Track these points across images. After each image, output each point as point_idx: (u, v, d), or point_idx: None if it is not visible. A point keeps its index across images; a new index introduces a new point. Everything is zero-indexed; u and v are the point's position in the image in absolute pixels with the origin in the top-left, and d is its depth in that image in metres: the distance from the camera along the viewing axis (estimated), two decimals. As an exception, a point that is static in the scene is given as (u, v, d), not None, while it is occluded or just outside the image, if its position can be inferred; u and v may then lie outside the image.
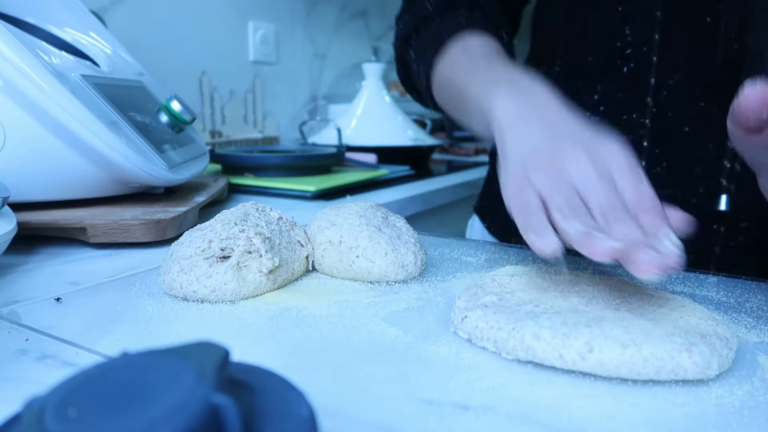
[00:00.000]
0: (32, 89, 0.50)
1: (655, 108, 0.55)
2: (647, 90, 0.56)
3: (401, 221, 0.48)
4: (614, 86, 0.57)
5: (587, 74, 0.59)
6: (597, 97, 0.59)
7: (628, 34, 0.56)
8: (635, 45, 0.55)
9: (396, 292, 0.42)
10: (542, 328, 0.31)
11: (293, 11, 1.56)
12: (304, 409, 0.18)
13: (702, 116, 0.54)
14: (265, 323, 0.36)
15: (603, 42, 0.57)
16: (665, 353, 0.29)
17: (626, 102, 0.57)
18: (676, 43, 0.54)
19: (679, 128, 0.55)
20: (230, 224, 0.41)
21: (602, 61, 0.58)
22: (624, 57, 0.56)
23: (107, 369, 0.18)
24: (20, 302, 0.39)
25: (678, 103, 0.55)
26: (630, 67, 0.56)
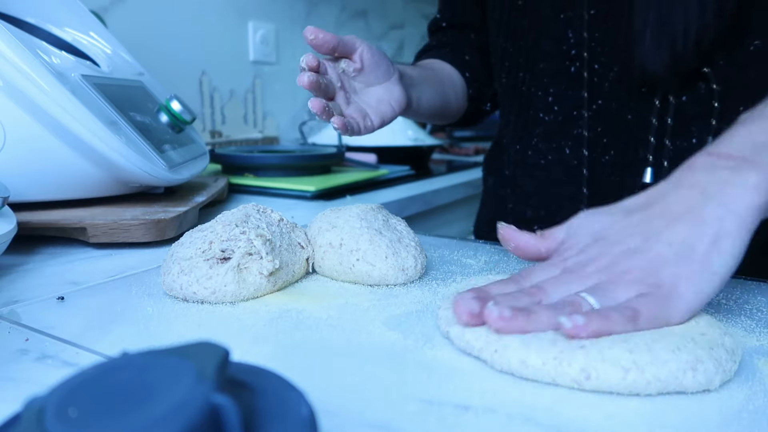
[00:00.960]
0: (32, 89, 0.50)
1: (600, 100, 0.60)
2: (583, 86, 0.60)
3: (402, 224, 0.48)
4: (564, 86, 0.62)
5: (541, 80, 0.64)
6: (551, 99, 0.64)
7: (570, 36, 0.61)
8: (576, 45, 0.60)
9: (396, 296, 0.42)
10: (530, 352, 0.29)
11: (293, 11, 1.56)
12: (304, 409, 0.19)
13: (638, 103, 0.58)
14: (265, 325, 0.36)
15: (552, 48, 0.62)
16: (669, 375, 0.28)
17: (573, 99, 0.62)
18: (604, 39, 0.58)
19: (623, 117, 0.59)
20: (231, 226, 0.41)
21: (553, 65, 0.63)
22: (570, 58, 0.61)
23: (107, 369, 0.18)
24: (20, 302, 0.39)
25: (618, 94, 0.59)
26: (576, 66, 0.61)
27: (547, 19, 0.62)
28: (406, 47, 2.08)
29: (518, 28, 0.66)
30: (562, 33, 0.61)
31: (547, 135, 0.65)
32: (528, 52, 0.65)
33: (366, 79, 0.54)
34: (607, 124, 0.60)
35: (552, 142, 0.64)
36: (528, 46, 0.65)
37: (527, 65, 0.66)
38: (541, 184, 0.67)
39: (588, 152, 0.61)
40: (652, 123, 0.57)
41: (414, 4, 2.10)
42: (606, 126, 0.60)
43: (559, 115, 0.63)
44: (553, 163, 0.65)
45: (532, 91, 0.66)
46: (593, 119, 0.61)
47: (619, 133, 0.59)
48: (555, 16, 0.62)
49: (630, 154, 0.59)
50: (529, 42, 0.65)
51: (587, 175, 0.62)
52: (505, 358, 0.29)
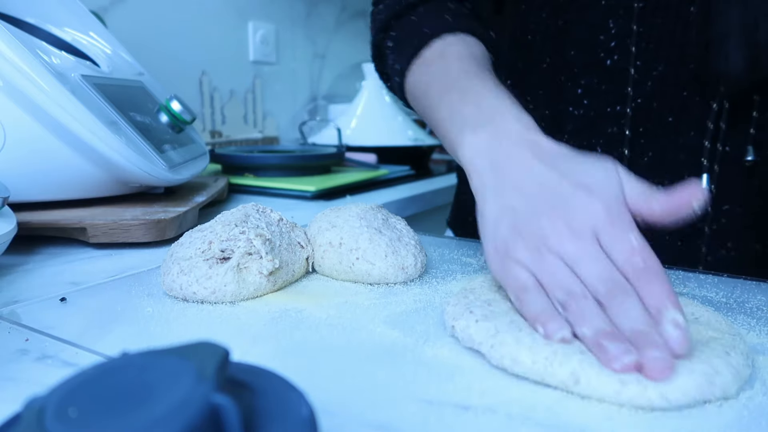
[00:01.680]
0: (32, 89, 0.50)
1: (640, 99, 0.56)
2: (628, 81, 0.56)
3: (402, 223, 0.48)
4: (597, 79, 0.58)
5: (570, 69, 0.59)
6: (580, 90, 0.59)
7: (612, 26, 0.56)
8: (618, 37, 0.56)
9: (396, 294, 0.42)
10: (521, 348, 0.29)
11: (293, 11, 1.56)
12: (304, 409, 0.19)
13: (684, 105, 0.55)
14: (265, 324, 0.36)
15: (586, 36, 0.58)
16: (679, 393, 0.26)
17: (609, 94, 0.57)
18: (656, 34, 0.55)
19: (663, 118, 0.56)
20: (231, 225, 0.41)
21: (585, 55, 0.58)
22: (607, 50, 0.57)
23: (107, 369, 0.18)
24: (20, 302, 0.39)
25: (661, 93, 0.56)
26: (613, 60, 0.57)
27: (585, 3, 0.57)
28: (406, 47, 2.07)
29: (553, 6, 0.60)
30: (601, 21, 0.57)
31: (577, 132, 0.60)
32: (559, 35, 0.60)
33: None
34: (646, 124, 0.57)
35: (583, 140, 0.60)
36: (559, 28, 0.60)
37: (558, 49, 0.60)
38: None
39: (629, 152, 0.58)
40: (708, 127, 0.54)
41: (414, 3, 2.10)
42: (645, 126, 0.57)
43: (591, 110, 0.59)
44: None
45: (562, 81, 0.60)
46: (634, 118, 0.57)
47: (658, 135, 0.57)
48: (596, 2, 0.57)
49: (670, 157, 0.56)
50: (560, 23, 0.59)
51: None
52: (499, 353, 0.30)
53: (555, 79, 0.61)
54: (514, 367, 0.29)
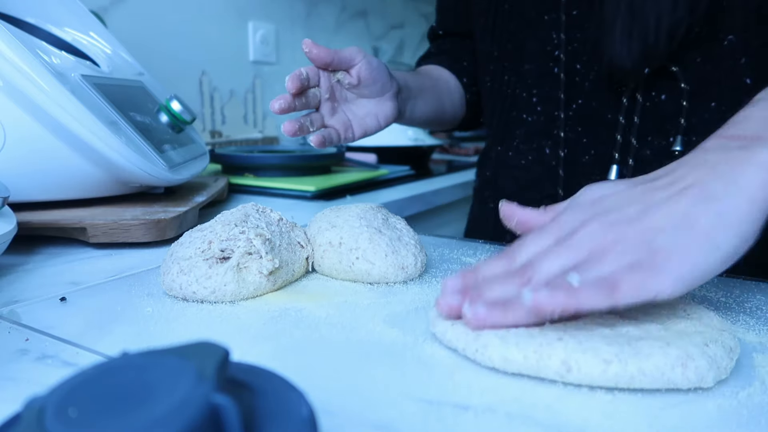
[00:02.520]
0: (32, 89, 0.50)
1: (580, 100, 0.61)
2: (559, 87, 0.62)
3: (402, 223, 0.48)
4: (548, 87, 0.63)
5: (525, 81, 0.66)
6: (534, 99, 0.65)
7: (554, 37, 0.62)
8: (559, 46, 0.61)
9: (396, 294, 0.42)
10: (509, 347, 0.29)
11: (293, 11, 1.56)
12: (304, 409, 0.19)
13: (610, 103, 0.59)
14: (265, 324, 0.36)
15: (537, 49, 0.64)
16: (655, 370, 0.27)
17: (555, 100, 0.63)
18: (584, 39, 0.59)
19: (602, 117, 0.60)
20: (230, 225, 0.41)
21: (538, 66, 0.64)
22: (553, 59, 0.62)
23: (107, 369, 0.18)
24: (20, 302, 0.39)
25: (597, 94, 0.60)
26: (558, 67, 0.62)
27: (532, 20, 0.63)
28: (405, 47, 2.08)
29: (504, 32, 0.67)
30: (546, 34, 0.62)
31: (529, 136, 0.66)
32: (514, 54, 0.66)
33: (360, 92, 0.54)
34: (586, 124, 0.61)
35: (533, 143, 0.66)
36: (515, 48, 0.66)
37: (513, 67, 0.67)
38: (521, 184, 0.68)
39: (565, 153, 0.62)
40: (619, 121, 0.58)
41: (414, 4, 2.10)
42: (585, 126, 0.61)
43: (542, 115, 0.64)
44: (533, 164, 0.66)
45: (516, 93, 0.67)
46: (572, 119, 0.62)
47: (597, 134, 0.60)
48: (539, 18, 0.63)
49: (608, 154, 0.60)
50: (516, 44, 0.66)
51: (563, 176, 0.63)
52: (487, 356, 0.30)
53: (513, 92, 0.67)
54: (507, 366, 0.29)
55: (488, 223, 0.74)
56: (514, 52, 0.66)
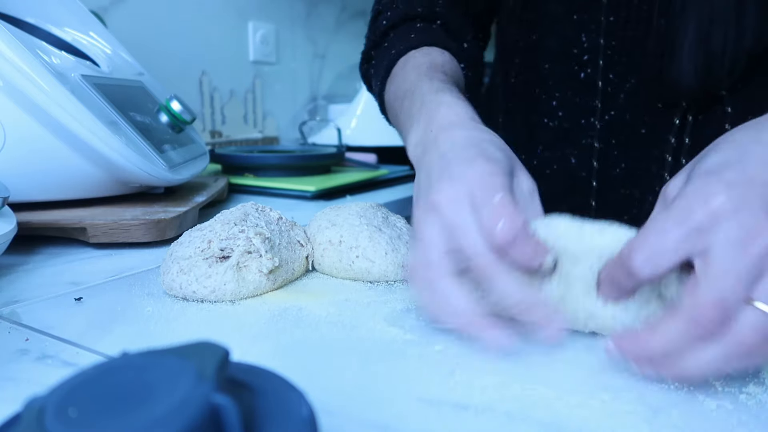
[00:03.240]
0: (32, 89, 0.50)
1: (613, 111, 0.58)
2: (596, 94, 0.58)
3: (401, 221, 0.48)
4: (571, 92, 0.60)
5: (545, 82, 0.62)
6: (555, 103, 0.61)
7: (584, 40, 0.58)
8: (590, 51, 0.58)
9: (396, 292, 0.42)
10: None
11: (293, 11, 1.56)
12: (304, 409, 0.19)
13: (655, 118, 0.56)
14: (265, 323, 0.36)
15: (559, 50, 0.60)
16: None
17: (582, 106, 0.59)
18: (626, 48, 0.56)
19: (636, 130, 0.57)
20: (230, 224, 0.41)
21: (559, 68, 0.60)
22: (580, 63, 0.59)
23: (107, 369, 0.18)
24: (20, 302, 0.39)
25: (633, 106, 0.57)
26: (587, 73, 0.58)
27: (557, 17, 0.59)
28: (406, 47, 2.07)
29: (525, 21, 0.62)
30: (574, 35, 0.58)
31: (552, 143, 0.62)
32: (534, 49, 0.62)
33: None
34: (619, 137, 0.58)
35: (557, 151, 0.62)
36: (534, 42, 0.62)
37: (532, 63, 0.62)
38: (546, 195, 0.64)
39: (598, 164, 0.59)
40: (669, 141, 0.55)
41: (414, 3, 2.09)
42: (618, 138, 0.58)
43: (565, 121, 0.61)
44: (559, 173, 0.62)
45: (536, 93, 0.62)
46: (604, 130, 0.58)
47: (630, 147, 0.58)
48: (567, 16, 0.58)
49: (642, 167, 0.57)
50: (534, 38, 0.61)
51: (596, 187, 0.60)
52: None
53: (530, 92, 0.63)
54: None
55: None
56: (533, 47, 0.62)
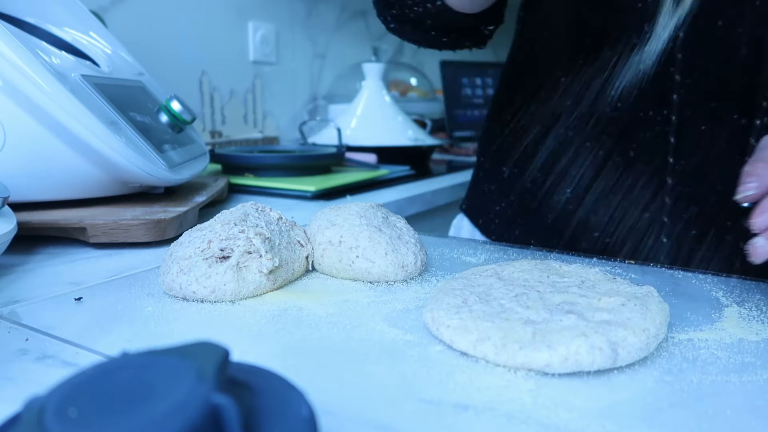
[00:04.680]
0: (32, 89, 0.50)
1: (687, 107, 0.55)
2: (673, 87, 0.55)
3: (402, 221, 0.48)
4: (635, 82, 0.56)
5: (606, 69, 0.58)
6: (614, 93, 0.58)
7: (645, 30, 0.55)
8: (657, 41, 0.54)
9: (396, 292, 0.42)
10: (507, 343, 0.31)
11: (293, 11, 1.56)
12: (304, 409, 0.19)
13: (725, 115, 0.53)
14: (265, 323, 0.36)
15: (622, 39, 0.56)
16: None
17: (649, 98, 0.56)
18: (703, 41, 0.53)
19: (705, 126, 0.54)
20: (230, 224, 0.41)
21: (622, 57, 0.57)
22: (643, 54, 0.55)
23: (107, 369, 0.18)
24: (20, 302, 0.39)
25: (703, 101, 0.54)
26: (656, 63, 0.55)
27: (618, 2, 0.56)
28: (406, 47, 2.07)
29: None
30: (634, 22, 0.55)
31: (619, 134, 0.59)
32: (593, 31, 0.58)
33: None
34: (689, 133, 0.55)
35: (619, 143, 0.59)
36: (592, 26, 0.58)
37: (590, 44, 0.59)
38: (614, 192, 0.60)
39: (673, 159, 0.56)
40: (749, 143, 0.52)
41: (414, 3, 2.09)
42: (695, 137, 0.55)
43: (625, 113, 0.58)
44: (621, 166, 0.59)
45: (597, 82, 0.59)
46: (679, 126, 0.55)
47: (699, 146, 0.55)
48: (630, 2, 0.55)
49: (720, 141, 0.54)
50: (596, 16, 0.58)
51: (671, 183, 0.57)
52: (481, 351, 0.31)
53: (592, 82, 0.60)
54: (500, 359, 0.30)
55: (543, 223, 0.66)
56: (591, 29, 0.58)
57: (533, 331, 0.31)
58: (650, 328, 0.31)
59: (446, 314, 0.34)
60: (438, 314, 0.34)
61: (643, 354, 0.31)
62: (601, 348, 0.29)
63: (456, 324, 0.32)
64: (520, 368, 0.30)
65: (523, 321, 0.32)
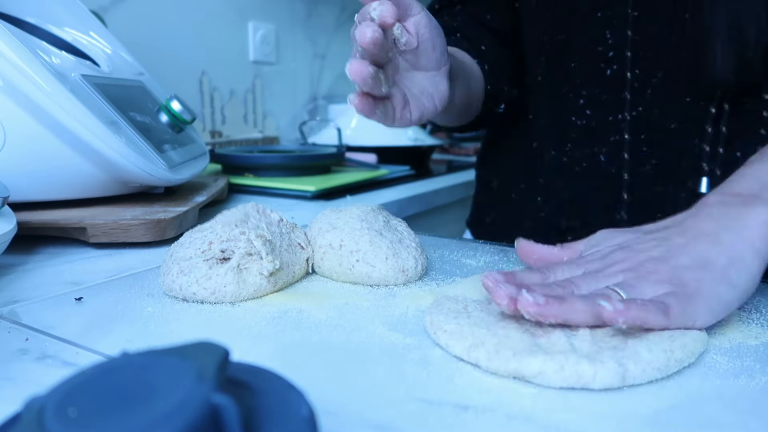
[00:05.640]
0: (32, 89, 0.50)
1: (640, 107, 0.57)
2: (625, 87, 0.58)
3: (402, 225, 0.48)
4: (598, 89, 0.60)
5: (572, 81, 0.61)
6: (582, 101, 0.61)
7: (609, 37, 0.57)
8: (615, 46, 0.57)
9: (396, 296, 0.42)
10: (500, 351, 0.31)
11: (293, 11, 1.56)
12: (304, 409, 0.19)
13: (685, 111, 0.55)
14: (265, 325, 0.36)
15: (586, 48, 0.59)
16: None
17: (610, 103, 0.59)
18: (652, 41, 0.56)
19: (665, 125, 0.57)
20: (231, 226, 0.41)
21: (586, 66, 0.60)
22: (606, 60, 0.58)
23: (107, 369, 0.18)
24: (20, 302, 0.39)
25: (661, 99, 0.56)
26: (613, 69, 0.58)
27: (582, 14, 0.58)
28: (406, 47, 2.07)
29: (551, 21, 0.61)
30: (599, 33, 0.58)
31: (580, 140, 0.62)
32: (560, 49, 0.61)
33: (416, 61, 0.45)
34: (648, 132, 0.57)
35: (586, 149, 0.62)
36: (560, 42, 0.61)
37: (559, 62, 0.62)
38: (578, 193, 0.63)
39: (629, 158, 0.59)
40: (707, 131, 0.55)
41: (414, 4, 2.09)
42: (647, 133, 0.57)
43: (593, 120, 0.60)
44: (589, 171, 0.62)
45: (563, 92, 0.62)
46: (634, 123, 0.58)
47: (659, 143, 0.57)
48: (592, 14, 0.58)
49: (674, 162, 0.57)
50: (560, 38, 0.61)
51: (628, 181, 0.59)
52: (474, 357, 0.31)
53: (558, 92, 0.63)
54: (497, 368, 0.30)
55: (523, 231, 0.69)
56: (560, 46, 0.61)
57: (530, 341, 0.30)
58: (675, 351, 0.30)
59: (445, 318, 0.34)
60: (437, 318, 0.34)
61: (660, 374, 0.29)
62: (603, 362, 0.28)
63: (452, 329, 0.32)
64: (513, 376, 0.29)
65: (521, 330, 0.32)
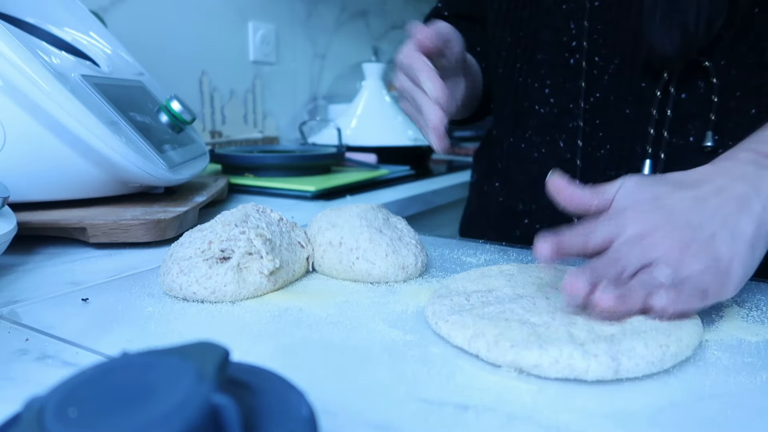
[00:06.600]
0: (32, 89, 0.50)
1: (598, 93, 0.59)
2: (581, 76, 0.59)
3: (402, 223, 0.48)
4: (562, 78, 0.61)
5: (538, 71, 0.63)
6: (548, 90, 0.63)
7: (572, 27, 0.59)
8: (577, 36, 0.59)
9: (396, 294, 0.42)
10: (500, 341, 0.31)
11: (293, 11, 1.56)
12: (304, 409, 0.19)
13: (639, 97, 0.57)
14: (266, 324, 0.36)
15: (551, 39, 0.61)
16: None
17: (572, 91, 0.61)
18: (610, 30, 0.57)
19: (621, 111, 0.58)
20: (231, 225, 0.41)
21: (552, 57, 0.62)
22: (570, 49, 0.60)
23: (107, 369, 0.18)
24: (20, 302, 0.39)
25: (617, 86, 0.58)
26: (576, 58, 0.60)
27: (548, 9, 0.61)
28: (406, 47, 2.07)
29: (518, 19, 0.64)
30: (563, 24, 0.60)
31: (541, 127, 0.64)
32: (527, 43, 0.64)
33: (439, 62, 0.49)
34: (604, 118, 0.59)
35: (546, 135, 0.64)
36: (527, 37, 0.64)
37: (525, 56, 0.64)
38: (534, 177, 0.66)
39: (582, 144, 0.61)
40: (652, 115, 0.56)
41: (414, 4, 2.10)
42: (603, 119, 0.59)
43: (555, 107, 0.63)
44: (546, 157, 0.64)
45: (528, 83, 0.64)
46: (590, 112, 0.60)
47: (615, 128, 0.59)
48: (556, 7, 0.60)
49: (627, 148, 0.58)
50: (528, 33, 0.63)
51: (581, 166, 0.61)
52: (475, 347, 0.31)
53: (525, 82, 0.65)
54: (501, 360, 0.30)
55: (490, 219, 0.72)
56: (526, 40, 0.64)
57: (529, 332, 0.31)
58: (670, 346, 0.30)
59: (447, 310, 0.34)
60: (439, 309, 0.34)
61: (654, 369, 0.29)
62: (597, 355, 0.28)
63: (454, 319, 0.33)
64: (511, 367, 0.30)
65: (522, 323, 0.32)
